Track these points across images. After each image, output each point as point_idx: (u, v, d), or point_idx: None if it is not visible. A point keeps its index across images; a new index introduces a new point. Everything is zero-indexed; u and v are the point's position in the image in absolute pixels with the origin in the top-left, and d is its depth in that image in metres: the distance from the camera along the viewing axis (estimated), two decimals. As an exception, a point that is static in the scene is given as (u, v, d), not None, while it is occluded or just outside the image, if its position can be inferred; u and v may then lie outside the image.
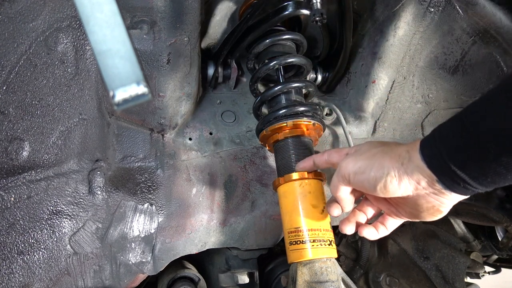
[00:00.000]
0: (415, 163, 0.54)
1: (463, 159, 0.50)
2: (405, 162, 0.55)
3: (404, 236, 1.28)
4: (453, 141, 0.51)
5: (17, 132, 0.74)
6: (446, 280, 1.12)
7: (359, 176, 0.60)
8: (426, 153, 0.53)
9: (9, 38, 0.69)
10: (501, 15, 0.88)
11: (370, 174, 0.58)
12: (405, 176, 0.55)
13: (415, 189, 0.55)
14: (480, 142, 0.48)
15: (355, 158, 0.62)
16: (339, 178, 0.64)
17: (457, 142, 0.51)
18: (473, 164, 0.50)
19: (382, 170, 0.57)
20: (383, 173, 0.57)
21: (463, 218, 1.13)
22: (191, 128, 0.96)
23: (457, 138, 0.51)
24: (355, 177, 0.61)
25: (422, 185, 0.55)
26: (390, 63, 0.95)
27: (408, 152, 0.55)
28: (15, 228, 0.74)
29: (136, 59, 0.37)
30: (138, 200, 0.85)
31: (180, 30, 0.76)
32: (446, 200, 0.56)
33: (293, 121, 0.81)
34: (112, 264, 0.82)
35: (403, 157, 0.55)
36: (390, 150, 0.59)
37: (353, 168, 0.61)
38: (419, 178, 0.54)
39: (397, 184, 0.56)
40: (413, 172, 0.54)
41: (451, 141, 0.51)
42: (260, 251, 1.00)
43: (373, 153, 0.60)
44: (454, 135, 0.51)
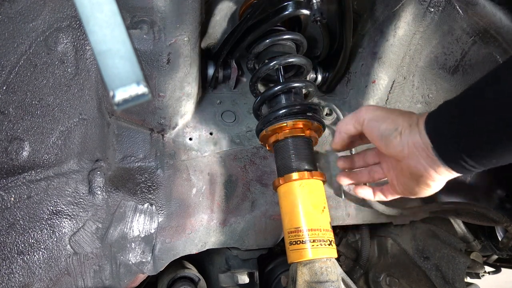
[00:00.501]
0: (420, 128, 0.58)
1: (457, 134, 0.54)
2: (413, 125, 0.60)
3: (404, 236, 1.28)
4: (453, 115, 0.55)
5: (17, 132, 0.74)
6: (446, 280, 1.12)
7: (372, 123, 0.65)
8: (429, 122, 0.58)
9: (9, 38, 0.69)
10: (501, 15, 0.88)
11: (382, 125, 0.64)
12: (409, 136, 0.60)
13: (410, 150, 0.60)
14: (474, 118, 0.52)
15: (375, 107, 0.68)
16: (354, 119, 0.69)
17: (456, 117, 0.54)
18: (465, 140, 0.53)
19: (393, 124, 0.62)
20: (394, 127, 0.62)
21: (463, 218, 1.13)
22: (191, 128, 0.96)
23: (457, 113, 0.54)
24: (369, 123, 0.66)
25: (418, 149, 0.59)
26: (390, 63, 0.95)
27: (418, 118, 0.60)
28: (15, 228, 0.74)
29: (136, 59, 0.37)
30: (138, 200, 0.85)
31: (180, 30, 0.76)
32: (437, 175, 0.59)
33: (293, 121, 0.81)
34: (112, 264, 0.82)
35: (413, 120, 0.60)
36: (406, 112, 0.64)
37: (370, 115, 0.66)
38: (417, 141, 0.58)
39: (399, 141, 0.61)
40: (415, 135, 0.59)
41: (451, 114, 0.56)
42: (260, 251, 1.00)
43: (392, 110, 0.66)
44: (455, 109, 0.55)
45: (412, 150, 0.60)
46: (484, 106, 0.51)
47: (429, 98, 1.04)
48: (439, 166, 0.58)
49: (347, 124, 0.71)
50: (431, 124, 0.57)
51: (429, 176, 0.60)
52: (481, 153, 0.52)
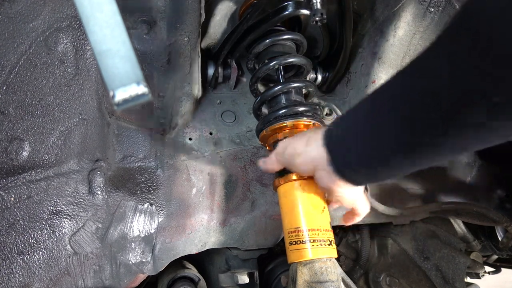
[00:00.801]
0: (318, 142, 0.60)
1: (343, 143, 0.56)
2: (311, 141, 0.62)
3: (404, 236, 1.28)
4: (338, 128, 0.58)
5: (17, 132, 0.74)
6: (446, 280, 1.12)
7: (283, 155, 0.69)
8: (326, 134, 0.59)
9: (9, 38, 0.69)
10: (501, 15, 0.87)
11: (286, 153, 0.67)
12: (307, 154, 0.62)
13: (314, 166, 0.62)
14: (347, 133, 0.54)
15: (285, 140, 0.71)
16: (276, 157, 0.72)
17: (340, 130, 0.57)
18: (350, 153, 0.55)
19: (292, 149, 0.66)
20: (293, 151, 0.65)
21: (463, 218, 1.13)
22: (191, 128, 0.96)
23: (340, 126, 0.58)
24: (281, 155, 0.70)
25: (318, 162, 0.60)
26: (390, 63, 0.95)
27: (316, 132, 0.62)
28: (15, 228, 0.74)
29: (136, 59, 0.37)
30: (138, 200, 0.85)
31: (180, 30, 0.76)
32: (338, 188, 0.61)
33: (293, 121, 0.81)
34: (112, 264, 0.82)
35: (310, 137, 0.62)
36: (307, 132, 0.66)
37: (280, 148, 0.70)
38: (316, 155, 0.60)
39: (301, 160, 0.64)
40: (313, 149, 0.60)
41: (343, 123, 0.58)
42: (260, 251, 1.00)
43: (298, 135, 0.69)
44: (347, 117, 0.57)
45: (314, 165, 0.61)
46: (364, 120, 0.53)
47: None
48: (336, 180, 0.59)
49: (273, 164, 0.74)
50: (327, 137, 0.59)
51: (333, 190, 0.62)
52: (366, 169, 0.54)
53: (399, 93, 0.47)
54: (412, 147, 0.47)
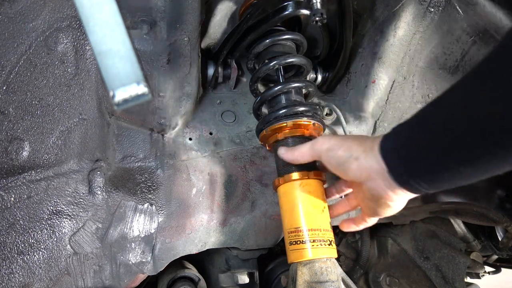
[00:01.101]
0: (374, 152, 0.59)
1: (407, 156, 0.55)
2: (367, 150, 0.60)
3: (404, 236, 1.28)
4: (403, 137, 0.56)
5: (17, 132, 0.74)
6: (446, 280, 1.12)
7: (329, 153, 0.66)
8: (384, 145, 0.58)
9: (9, 38, 0.69)
10: (501, 15, 0.88)
11: (337, 152, 0.65)
12: (364, 161, 0.60)
13: (368, 174, 0.60)
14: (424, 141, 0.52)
15: (330, 137, 0.69)
16: (312, 151, 0.70)
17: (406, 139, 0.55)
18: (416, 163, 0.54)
19: (349, 151, 0.63)
20: (349, 154, 0.63)
21: (463, 218, 1.13)
22: (191, 128, 0.96)
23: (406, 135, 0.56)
24: (326, 153, 0.67)
25: (375, 172, 0.59)
26: (390, 63, 0.95)
27: (373, 141, 0.60)
28: (15, 228, 0.74)
29: (136, 59, 0.37)
30: (138, 200, 0.85)
31: (180, 30, 0.76)
32: (395, 195, 0.60)
33: (293, 121, 0.81)
34: (112, 264, 0.82)
35: (367, 145, 0.61)
36: (361, 137, 0.65)
37: (327, 145, 0.67)
38: (373, 165, 0.59)
39: (356, 166, 0.61)
40: (371, 159, 0.59)
41: (401, 137, 0.57)
42: (260, 251, 1.00)
43: (346, 137, 0.67)
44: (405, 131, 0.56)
45: (369, 174, 0.60)
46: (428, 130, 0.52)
47: (429, 98, 1.04)
48: (396, 188, 0.58)
49: (304, 156, 0.72)
50: (385, 148, 0.58)
51: (388, 197, 0.61)
52: (430, 177, 0.53)
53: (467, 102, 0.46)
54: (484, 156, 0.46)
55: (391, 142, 0.58)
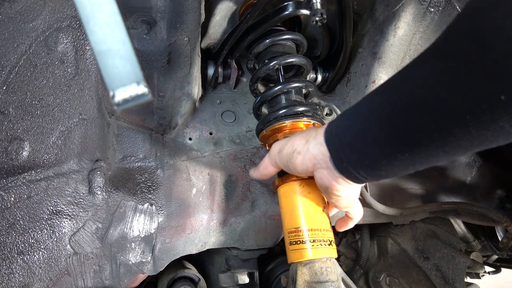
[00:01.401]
0: (318, 139, 0.59)
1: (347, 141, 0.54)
2: (310, 140, 0.60)
3: (404, 236, 1.28)
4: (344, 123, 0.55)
5: (17, 132, 0.74)
6: (446, 280, 1.12)
7: (280, 154, 0.67)
8: (327, 130, 0.58)
9: (9, 38, 0.69)
10: (501, 15, 0.87)
11: (283, 152, 0.65)
12: (307, 152, 0.60)
13: (314, 164, 0.60)
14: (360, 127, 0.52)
15: (280, 141, 0.69)
16: (270, 160, 0.71)
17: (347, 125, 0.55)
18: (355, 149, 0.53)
19: (292, 147, 0.63)
20: (292, 150, 0.63)
21: (463, 218, 1.13)
22: (191, 128, 0.96)
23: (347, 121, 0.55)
24: (278, 156, 0.67)
25: (319, 160, 0.59)
26: (390, 63, 0.95)
27: (317, 130, 0.60)
28: (15, 228, 0.74)
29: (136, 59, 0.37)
30: (138, 200, 0.85)
31: (180, 30, 0.76)
32: (338, 185, 0.59)
33: (293, 121, 0.81)
34: (112, 264, 0.82)
35: (310, 135, 0.61)
36: (302, 132, 0.64)
37: (277, 148, 0.68)
38: (317, 153, 0.58)
39: (300, 160, 0.61)
40: (314, 147, 0.59)
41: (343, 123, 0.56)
42: (260, 251, 1.00)
43: (294, 134, 0.66)
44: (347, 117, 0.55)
45: (314, 164, 0.60)
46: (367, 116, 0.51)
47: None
48: (338, 177, 0.57)
49: (267, 168, 0.72)
50: (329, 133, 0.57)
51: (334, 186, 0.60)
52: (368, 163, 0.52)
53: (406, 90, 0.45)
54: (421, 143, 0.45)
55: (335, 127, 0.57)
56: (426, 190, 1.13)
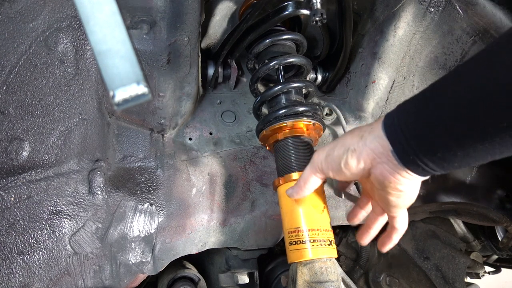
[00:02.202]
0: (376, 133, 0.55)
1: (416, 133, 0.50)
2: (365, 135, 0.57)
3: (404, 236, 1.27)
4: (411, 114, 0.52)
5: (17, 132, 0.74)
6: (446, 280, 1.12)
7: (327, 159, 0.62)
8: (387, 122, 0.54)
9: (9, 38, 0.69)
10: (501, 15, 0.88)
11: (334, 154, 0.61)
12: (364, 148, 0.56)
13: (372, 159, 0.56)
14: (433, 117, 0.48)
15: (323, 147, 0.65)
16: (313, 170, 0.66)
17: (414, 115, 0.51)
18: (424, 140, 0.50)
19: (344, 147, 0.59)
20: (345, 149, 0.59)
21: (463, 218, 1.13)
22: (191, 128, 0.96)
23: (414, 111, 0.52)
24: (325, 161, 0.63)
25: (378, 154, 0.55)
26: (390, 63, 0.95)
27: (372, 125, 0.57)
28: (15, 228, 0.74)
29: (136, 59, 0.37)
30: (138, 200, 0.85)
31: (180, 30, 0.76)
32: (403, 179, 0.55)
33: (293, 121, 0.81)
34: (112, 264, 0.82)
35: (364, 130, 0.58)
36: (353, 130, 0.61)
37: (322, 155, 0.64)
38: (376, 146, 0.55)
39: (356, 158, 0.58)
40: (372, 141, 0.55)
41: (409, 113, 0.52)
42: (260, 251, 1.00)
43: (341, 136, 0.64)
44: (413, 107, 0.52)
45: (373, 158, 0.56)
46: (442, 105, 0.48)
47: (429, 98, 1.04)
48: (402, 170, 0.54)
49: (309, 179, 0.67)
50: (388, 125, 0.54)
51: (396, 180, 0.56)
52: (441, 155, 0.49)
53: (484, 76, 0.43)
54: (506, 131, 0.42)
55: (395, 119, 0.53)
56: (426, 190, 1.13)
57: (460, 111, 0.46)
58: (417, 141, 0.50)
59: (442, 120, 0.48)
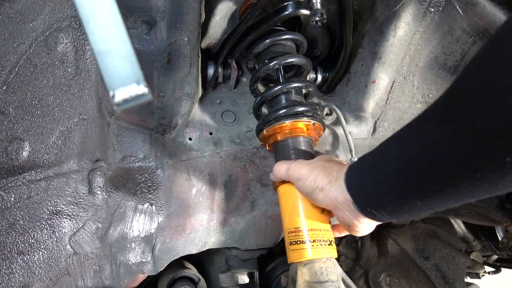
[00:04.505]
0: (339, 183, 0.61)
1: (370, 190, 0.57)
2: (333, 181, 0.63)
3: (404, 236, 1.28)
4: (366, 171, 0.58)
5: (17, 132, 0.74)
6: (446, 280, 1.12)
7: (299, 182, 0.70)
8: (348, 177, 0.61)
9: (9, 38, 0.69)
10: (501, 15, 0.88)
11: (305, 183, 0.68)
12: (329, 193, 0.63)
13: (334, 204, 0.63)
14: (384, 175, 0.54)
15: (302, 165, 0.71)
16: (286, 176, 0.74)
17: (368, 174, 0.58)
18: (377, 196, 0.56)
19: (315, 182, 0.66)
20: (315, 185, 0.66)
21: (463, 218, 1.13)
22: (191, 128, 0.96)
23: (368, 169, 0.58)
24: (297, 182, 0.71)
25: (340, 203, 0.62)
26: (390, 63, 0.95)
27: (338, 172, 0.63)
28: (15, 228, 0.74)
29: (136, 59, 0.37)
30: (138, 200, 0.85)
31: (180, 30, 0.76)
32: (360, 224, 0.63)
33: (293, 121, 0.81)
34: (112, 264, 0.82)
35: (333, 176, 0.64)
36: (328, 166, 0.67)
37: (297, 174, 0.70)
38: (339, 196, 0.61)
39: (322, 197, 0.65)
40: (336, 190, 0.62)
41: (364, 170, 0.59)
42: (260, 251, 1.00)
43: (315, 166, 0.69)
44: (368, 164, 0.58)
45: (335, 204, 0.63)
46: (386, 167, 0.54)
47: (429, 98, 1.04)
48: (360, 217, 0.61)
49: (280, 173, 0.75)
50: (349, 179, 0.60)
51: (355, 225, 0.64)
52: (392, 209, 0.55)
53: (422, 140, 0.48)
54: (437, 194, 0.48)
55: (355, 174, 0.60)
56: (426, 190, 1.13)
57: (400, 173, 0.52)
58: (371, 197, 0.57)
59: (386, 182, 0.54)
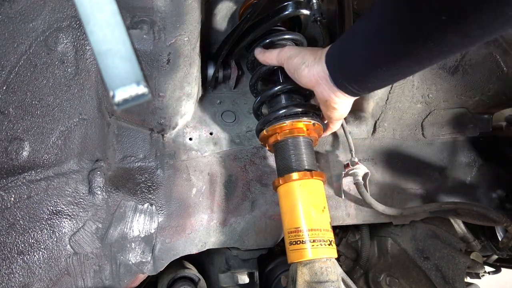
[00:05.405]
0: (321, 60, 0.70)
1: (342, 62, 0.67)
2: (317, 58, 0.71)
3: (404, 236, 1.28)
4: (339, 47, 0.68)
5: (17, 132, 0.74)
6: (446, 280, 1.12)
7: (289, 60, 0.77)
8: (328, 54, 0.69)
9: (9, 38, 0.69)
10: (501, 15, 0.87)
11: (294, 60, 0.76)
12: (313, 69, 0.72)
13: (315, 79, 0.72)
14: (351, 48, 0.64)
15: (293, 47, 0.80)
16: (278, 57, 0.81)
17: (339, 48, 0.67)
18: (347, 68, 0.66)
19: (303, 59, 0.74)
20: (302, 62, 0.74)
21: (463, 218, 1.13)
22: (191, 128, 0.96)
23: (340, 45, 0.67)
24: (287, 60, 0.78)
25: (321, 78, 0.71)
26: (390, 63, 0.95)
27: (322, 52, 0.71)
28: (15, 228, 0.74)
29: (136, 59, 0.37)
30: (138, 200, 0.85)
31: (180, 30, 0.76)
32: (336, 98, 0.71)
33: (293, 121, 0.81)
34: (112, 264, 0.82)
35: (317, 54, 0.72)
36: (315, 49, 0.75)
37: (289, 53, 0.78)
38: (319, 71, 0.70)
39: (306, 73, 0.73)
40: (318, 66, 0.70)
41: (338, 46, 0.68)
42: (260, 251, 1.00)
43: (304, 48, 0.79)
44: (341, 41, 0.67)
45: (317, 80, 0.71)
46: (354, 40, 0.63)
47: (429, 98, 1.04)
48: (336, 91, 0.70)
49: (271, 58, 0.83)
50: (328, 56, 0.69)
51: (332, 100, 0.72)
52: (358, 79, 0.65)
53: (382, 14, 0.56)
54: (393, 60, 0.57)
55: (331, 51, 0.69)
56: (426, 190, 1.13)
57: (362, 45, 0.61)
58: (342, 69, 0.67)
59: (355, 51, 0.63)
